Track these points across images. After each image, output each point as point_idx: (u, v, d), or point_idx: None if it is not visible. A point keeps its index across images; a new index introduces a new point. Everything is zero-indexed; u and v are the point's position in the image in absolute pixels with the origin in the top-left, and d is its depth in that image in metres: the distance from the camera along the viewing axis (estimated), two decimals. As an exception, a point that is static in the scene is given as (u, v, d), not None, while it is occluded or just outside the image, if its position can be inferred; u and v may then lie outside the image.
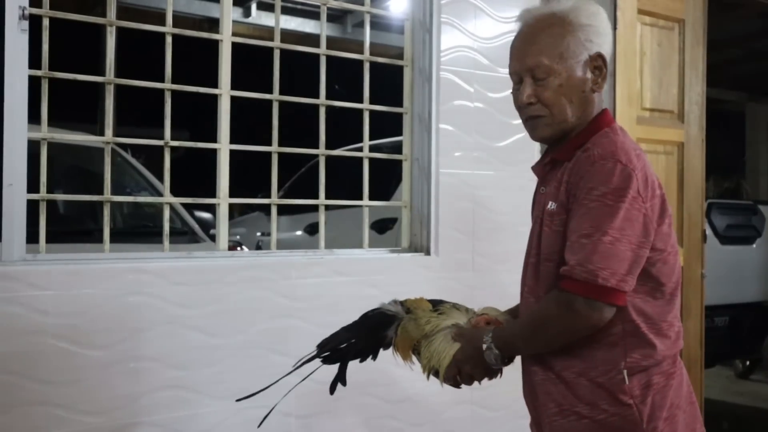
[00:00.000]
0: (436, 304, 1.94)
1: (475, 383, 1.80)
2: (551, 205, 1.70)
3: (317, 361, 1.93)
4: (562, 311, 1.59)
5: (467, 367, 1.75)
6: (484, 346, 1.70)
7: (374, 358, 1.95)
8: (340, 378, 1.93)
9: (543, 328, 1.66)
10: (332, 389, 1.92)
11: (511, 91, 1.81)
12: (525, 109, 1.75)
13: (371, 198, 3.15)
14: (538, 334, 1.67)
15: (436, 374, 1.80)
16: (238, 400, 1.99)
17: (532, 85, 1.71)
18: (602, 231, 1.55)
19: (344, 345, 1.94)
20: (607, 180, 1.58)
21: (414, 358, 1.89)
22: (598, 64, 1.74)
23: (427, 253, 3.14)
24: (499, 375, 1.79)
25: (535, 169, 1.87)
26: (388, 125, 3.79)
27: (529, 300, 1.77)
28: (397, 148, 3.38)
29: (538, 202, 1.81)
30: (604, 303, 1.56)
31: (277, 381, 1.92)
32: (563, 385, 1.69)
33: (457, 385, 1.80)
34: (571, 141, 1.73)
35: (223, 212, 2.77)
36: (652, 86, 3.82)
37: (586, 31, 1.72)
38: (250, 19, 7.31)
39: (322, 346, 1.94)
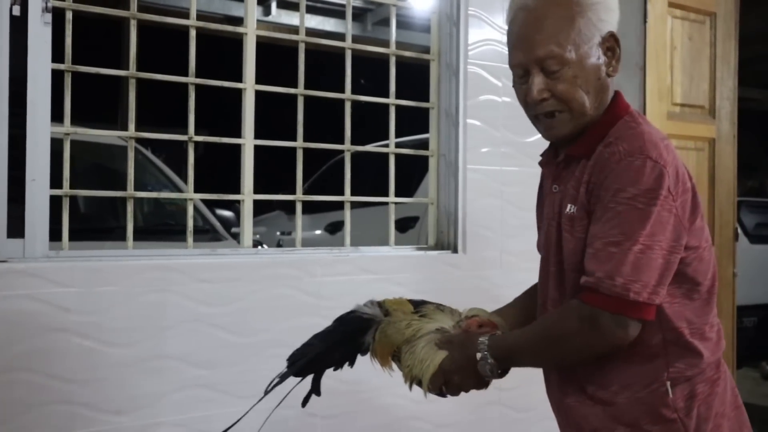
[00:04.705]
0: (418, 305, 1.78)
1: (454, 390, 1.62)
2: (570, 209, 1.53)
3: (293, 378, 1.77)
4: (586, 328, 1.42)
5: (456, 377, 1.57)
6: (479, 356, 1.52)
7: (351, 365, 1.79)
8: (315, 389, 1.77)
9: (558, 344, 1.49)
10: (305, 402, 1.76)
11: (512, 85, 1.62)
12: (537, 105, 1.55)
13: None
14: (551, 349, 1.51)
15: (419, 384, 1.63)
16: None
17: (543, 78, 1.52)
18: (633, 239, 1.39)
19: (318, 356, 1.76)
20: (637, 180, 1.41)
21: (394, 366, 1.73)
22: (611, 45, 1.55)
23: (455, 250, 3.08)
24: (487, 386, 1.62)
25: (546, 165, 1.70)
26: (407, 124, 3.74)
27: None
28: (418, 145, 3.33)
29: (550, 201, 1.63)
30: (633, 319, 1.41)
31: (247, 412, 1.81)
32: (600, 407, 1.54)
33: (442, 396, 1.63)
34: (589, 135, 1.55)
35: (247, 209, 2.73)
36: (683, 81, 3.75)
37: (595, 10, 1.52)
38: (270, 18, 7.28)
39: (294, 361, 1.77)
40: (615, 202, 1.42)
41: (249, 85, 2.73)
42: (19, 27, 2.28)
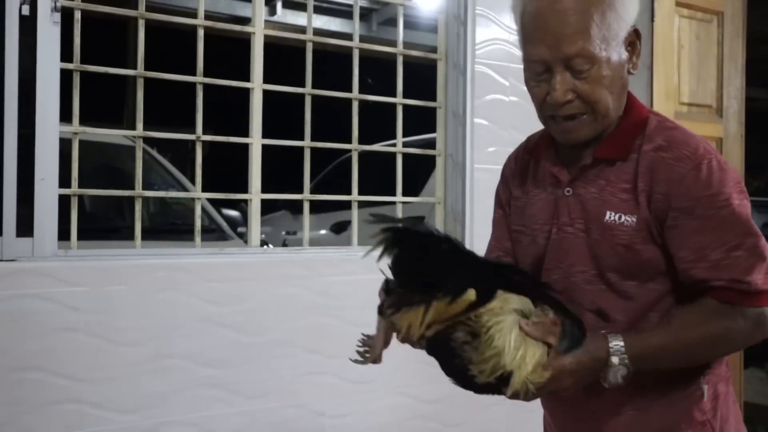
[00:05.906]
0: None
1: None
2: (613, 216, 1.41)
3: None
4: (759, 327, 1.37)
5: (571, 381, 1.31)
6: (615, 360, 1.30)
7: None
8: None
9: (724, 345, 1.41)
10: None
11: (525, 80, 1.48)
12: (559, 108, 1.40)
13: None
14: (712, 350, 1.41)
15: (501, 377, 1.26)
16: None
17: (570, 77, 1.38)
18: (751, 234, 1.36)
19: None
20: (724, 180, 1.37)
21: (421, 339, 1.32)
22: (632, 40, 1.43)
23: (462, 250, 3.07)
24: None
25: (553, 165, 1.52)
26: (412, 123, 3.73)
27: (621, 324, 1.42)
28: (424, 145, 3.32)
29: (560, 206, 1.49)
30: None
31: None
32: (628, 415, 1.46)
33: (526, 398, 1.30)
34: (619, 135, 1.45)
35: (255, 208, 2.73)
36: (690, 80, 3.74)
37: (623, 1, 1.39)
38: (275, 18, 7.28)
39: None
40: (715, 209, 1.36)
41: (257, 85, 2.73)
42: (28, 27, 2.28)
